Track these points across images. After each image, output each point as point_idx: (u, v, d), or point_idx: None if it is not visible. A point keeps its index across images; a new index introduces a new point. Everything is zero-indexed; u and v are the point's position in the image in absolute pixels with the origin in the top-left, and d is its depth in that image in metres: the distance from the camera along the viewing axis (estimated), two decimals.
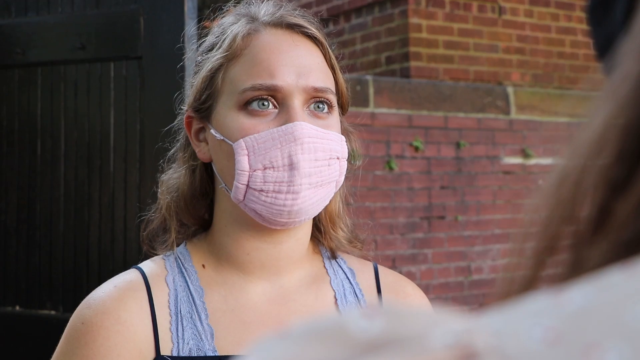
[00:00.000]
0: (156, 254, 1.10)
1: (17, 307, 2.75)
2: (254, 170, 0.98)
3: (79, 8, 2.67)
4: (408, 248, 4.37)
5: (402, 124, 4.37)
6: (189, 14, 2.42)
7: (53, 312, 2.67)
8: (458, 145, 4.57)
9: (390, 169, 4.28)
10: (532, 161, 4.85)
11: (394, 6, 4.98)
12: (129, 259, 2.57)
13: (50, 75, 2.74)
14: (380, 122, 4.25)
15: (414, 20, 4.87)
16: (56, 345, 1.05)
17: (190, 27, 2.38)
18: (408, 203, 4.37)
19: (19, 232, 2.78)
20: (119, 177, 2.61)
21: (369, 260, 1.18)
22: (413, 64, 4.83)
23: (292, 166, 0.97)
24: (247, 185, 0.98)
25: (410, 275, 4.03)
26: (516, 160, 4.80)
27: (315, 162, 0.98)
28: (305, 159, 0.97)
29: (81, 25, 2.64)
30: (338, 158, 1.02)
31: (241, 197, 0.99)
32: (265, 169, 0.97)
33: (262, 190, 0.98)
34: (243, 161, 0.98)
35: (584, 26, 5.57)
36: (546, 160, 4.91)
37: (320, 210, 1.04)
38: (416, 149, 4.41)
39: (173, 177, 1.11)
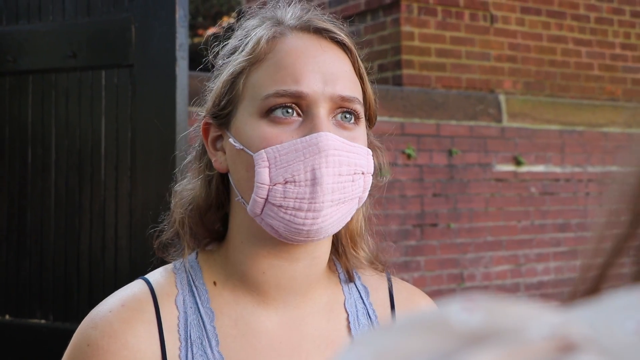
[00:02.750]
0: (167, 262, 1.06)
1: (7, 316, 2.73)
2: (275, 184, 0.91)
3: (70, 16, 2.67)
4: (401, 256, 4.37)
5: (394, 132, 4.37)
6: (180, 22, 2.43)
7: (43, 321, 2.66)
8: (450, 153, 4.58)
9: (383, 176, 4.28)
10: (524, 169, 4.86)
11: (386, 14, 4.99)
12: (120, 267, 2.56)
13: (41, 83, 2.73)
14: (373, 129, 4.25)
15: (406, 28, 4.88)
16: (46, 354, 1.02)
17: (182, 36, 2.39)
18: (400, 210, 4.37)
19: (9, 240, 2.77)
20: (110, 185, 2.60)
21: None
22: (405, 71, 4.84)
23: (314, 181, 0.90)
24: (266, 200, 0.92)
25: None
26: (508, 167, 4.81)
27: (338, 177, 0.92)
28: (329, 173, 0.91)
29: (72, 33, 2.64)
30: (363, 173, 0.96)
31: (258, 212, 0.93)
32: (286, 183, 0.91)
33: (281, 206, 0.92)
34: (263, 173, 0.91)
35: (575, 34, 5.59)
36: (538, 168, 4.92)
37: (340, 228, 0.98)
38: (408, 156, 4.41)
39: (187, 188, 1.05)
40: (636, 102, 5.69)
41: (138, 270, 1.11)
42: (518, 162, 4.83)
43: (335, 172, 0.92)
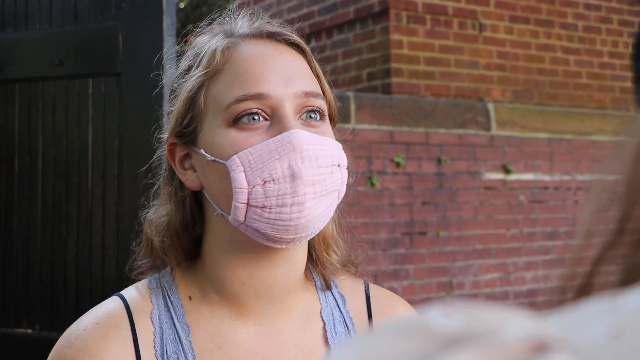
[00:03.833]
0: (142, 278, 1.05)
1: None
2: (253, 187, 0.91)
3: (57, 25, 2.66)
4: (390, 264, 4.37)
5: (383, 140, 4.38)
6: (167, 31, 2.42)
7: (29, 331, 2.64)
8: (439, 161, 4.59)
9: (372, 184, 4.29)
10: (513, 177, 4.87)
11: (375, 23, 5.00)
12: (107, 276, 2.55)
13: (28, 91, 2.72)
14: (362, 138, 4.26)
15: (395, 36, 4.90)
16: None
17: (169, 44, 2.38)
18: (390, 219, 4.37)
19: None
20: (97, 194, 2.59)
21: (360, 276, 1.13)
22: (394, 80, 4.85)
23: (293, 176, 0.90)
24: (248, 204, 0.91)
25: (392, 291, 3.98)
26: (497, 175, 4.82)
27: (318, 170, 0.92)
28: (307, 167, 0.91)
29: (59, 41, 2.63)
30: (339, 165, 0.96)
31: (242, 218, 0.92)
32: (265, 183, 0.91)
33: (264, 207, 0.91)
34: (240, 178, 0.91)
35: (563, 43, 5.62)
36: (527, 176, 4.94)
37: (326, 223, 0.97)
38: (397, 164, 4.42)
39: (160, 214, 1.04)
40: (624, 110, 5.72)
41: (125, 279, 1.10)
42: (507, 170, 4.84)
43: (314, 165, 0.92)
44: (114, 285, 2.43)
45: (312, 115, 0.96)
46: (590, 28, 5.77)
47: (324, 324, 1.05)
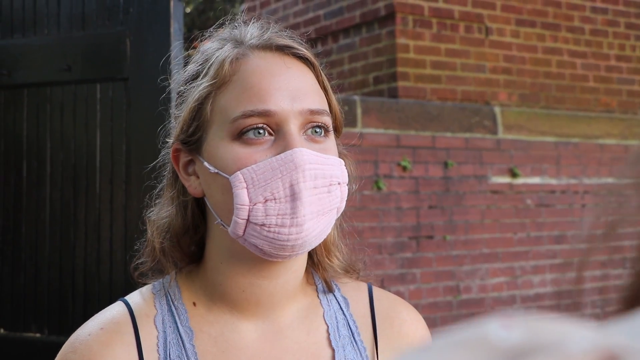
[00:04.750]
0: (145, 283, 1.06)
1: (2, 330, 2.72)
2: (255, 204, 0.92)
3: (65, 30, 2.68)
4: (396, 268, 4.36)
5: (390, 144, 4.38)
6: (175, 36, 2.43)
7: (38, 335, 2.65)
8: (446, 165, 4.59)
9: (379, 188, 4.29)
10: (520, 180, 4.87)
11: (382, 27, 5.01)
12: (115, 280, 2.56)
13: (36, 96, 2.74)
14: (368, 142, 4.26)
15: (401, 40, 4.90)
16: None
17: (176, 49, 2.39)
18: (396, 223, 4.37)
19: (3, 253, 2.77)
20: (105, 198, 2.60)
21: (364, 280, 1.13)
22: (401, 84, 4.85)
23: (294, 196, 0.92)
24: (248, 220, 0.93)
25: (399, 295, 3.95)
26: (504, 179, 4.81)
27: (313, 190, 0.93)
28: (307, 187, 0.92)
29: (67, 46, 2.65)
30: (339, 184, 0.97)
31: (241, 233, 0.94)
32: (266, 201, 0.92)
33: (264, 225, 0.92)
34: (242, 195, 0.92)
35: (570, 46, 5.61)
36: (533, 180, 4.93)
37: (322, 240, 0.99)
38: (404, 168, 4.42)
39: (162, 215, 1.05)
40: (631, 113, 5.71)
41: (133, 283, 1.11)
42: (514, 174, 4.83)
43: (314, 184, 0.93)
44: (122, 289, 2.44)
45: (317, 130, 0.97)
46: (597, 31, 5.76)
47: (327, 326, 1.06)
